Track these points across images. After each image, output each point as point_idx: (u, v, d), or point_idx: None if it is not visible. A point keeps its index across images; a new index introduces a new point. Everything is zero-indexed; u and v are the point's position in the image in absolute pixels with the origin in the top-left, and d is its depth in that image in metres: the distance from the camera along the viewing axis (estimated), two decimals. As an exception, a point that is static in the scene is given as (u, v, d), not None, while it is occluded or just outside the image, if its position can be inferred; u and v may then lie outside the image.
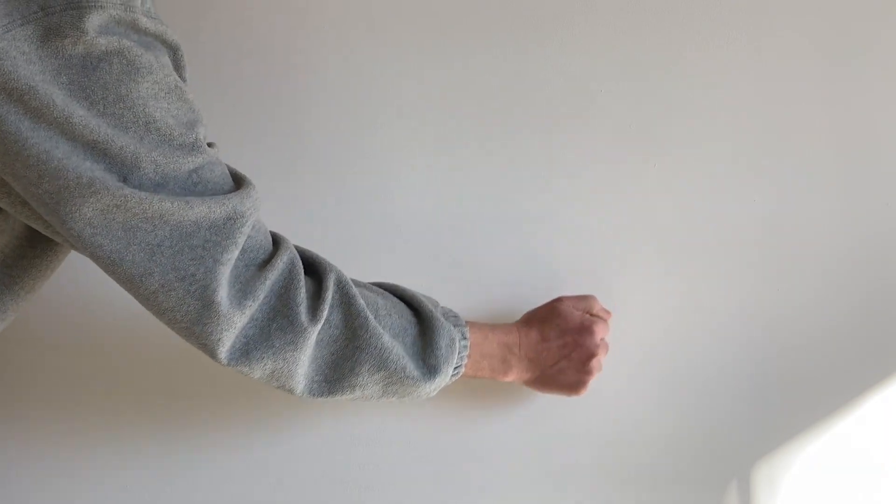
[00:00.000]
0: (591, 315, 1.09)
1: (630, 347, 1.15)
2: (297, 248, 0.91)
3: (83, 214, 0.78)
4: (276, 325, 0.85)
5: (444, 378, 0.97)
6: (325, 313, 0.88)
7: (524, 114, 1.17)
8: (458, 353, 0.98)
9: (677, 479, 1.15)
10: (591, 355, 1.06)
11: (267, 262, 0.86)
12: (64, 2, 0.77)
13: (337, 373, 0.91)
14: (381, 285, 0.99)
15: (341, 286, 0.90)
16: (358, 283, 0.94)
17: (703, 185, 1.16)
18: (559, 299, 1.09)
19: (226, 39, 1.17)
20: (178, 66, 0.86)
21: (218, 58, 1.17)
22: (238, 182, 0.86)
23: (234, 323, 0.83)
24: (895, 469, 1.14)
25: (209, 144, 0.87)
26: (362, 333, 0.90)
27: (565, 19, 1.17)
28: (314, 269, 0.91)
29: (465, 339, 1.00)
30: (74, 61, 0.77)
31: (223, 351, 0.84)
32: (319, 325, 0.87)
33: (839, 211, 1.16)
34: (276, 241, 0.89)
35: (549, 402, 1.14)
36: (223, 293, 0.82)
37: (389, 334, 0.92)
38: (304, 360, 0.88)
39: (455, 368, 0.98)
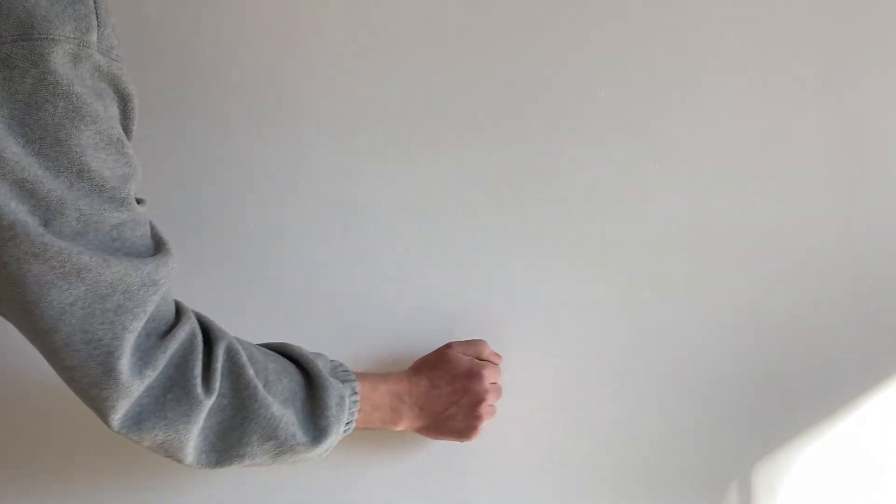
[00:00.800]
0: (481, 360, 1.09)
1: (630, 347, 1.15)
2: (195, 314, 0.90)
3: None
4: (172, 395, 0.84)
5: (336, 437, 0.96)
6: (218, 384, 0.86)
7: (524, 114, 1.16)
8: (349, 409, 0.97)
9: (677, 479, 1.15)
10: (480, 400, 1.07)
11: (168, 332, 0.84)
12: (15, 33, 0.75)
13: (225, 442, 0.89)
14: (269, 346, 0.98)
15: (231, 355, 0.89)
16: (248, 347, 0.93)
17: (703, 185, 1.16)
18: (449, 345, 1.10)
19: (225, 46, 1.17)
20: (126, 117, 0.84)
21: (218, 64, 1.17)
22: (157, 247, 0.85)
23: (132, 392, 0.81)
24: (895, 469, 1.14)
25: (139, 201, 0.86)
26: (251, 404, 0.88)
27: (565, 19, 1.17)
28: (206, 336, 0.89)
29: (355, 393, 0.99)
30: (19, 96, 0.76)
31: (116, 418, 0.82)
32: (214, 398, 0.86)
33: (840, 210, 1.16)
34: (179, 310, 0.88)
35: (547, 402, 1.14)
36: (126, 361, 0.80)
37: (280, 402, 0.91)
38: (195, 432, 0.86)
39: (346, 425, 0.98)
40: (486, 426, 1.09)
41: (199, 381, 0.85)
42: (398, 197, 1.16)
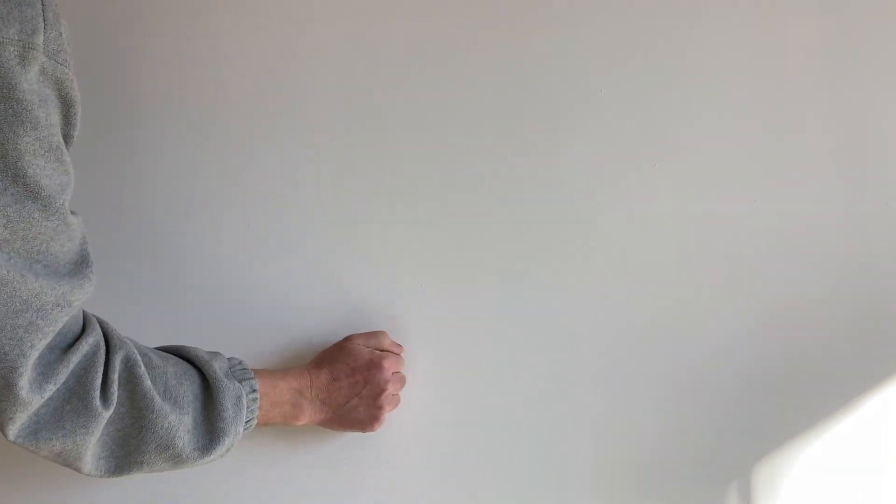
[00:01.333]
0: (381, 350, 1.10)
1: (630, 347, 1.15)
2: (99, 322, 0.89)
3: None
4: (70, 406, 0.83)
5: (235, 438, 0.96)
6: (116, 396, 0.86)
7: (523, 113, 1.16)
8: (248, 407, 0.97)
9: (677, 479, 1.15)
10: (381, 391, 1.07)
11: (72, 345, 0.84)
12: None
13: (123, 450, 0.89)
14: (166, 348, 0.97)
15: (128, 365, 0.88)
16: (146, 353, 0.92)
17: (702, 185, 1.16)
18: (348, 338, 1.10)
19: (224, 47, 1.17)
20: (67, 123, 0.83)
21: (218, 63, 1.17)
22: (81, 265, 0.84)
23: (31, 406, 0.81)
24: (895, 469, 1.15)
25: (72, 213, 0.84)
26: (147, 414, 0.88)
27: (565, 19, 1.17)
28: (106, 346, 0.88)
29: (253, 391, 0.99)
30: None
31: (12, 430, 0.81)
32: (112, 409, 0.85)
33: (840, 211, 1.16)
34: (84, 320, 0.87)
35: (546, 402, 1.14)
36: (27, 378, 0.79)
37: (178, 408, 0.91)
38: (92, 442, 0.86)
39: (247, 423, 0.98)
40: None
41: (97, 392, 0.84)
42: (391, 197, 1.16)
